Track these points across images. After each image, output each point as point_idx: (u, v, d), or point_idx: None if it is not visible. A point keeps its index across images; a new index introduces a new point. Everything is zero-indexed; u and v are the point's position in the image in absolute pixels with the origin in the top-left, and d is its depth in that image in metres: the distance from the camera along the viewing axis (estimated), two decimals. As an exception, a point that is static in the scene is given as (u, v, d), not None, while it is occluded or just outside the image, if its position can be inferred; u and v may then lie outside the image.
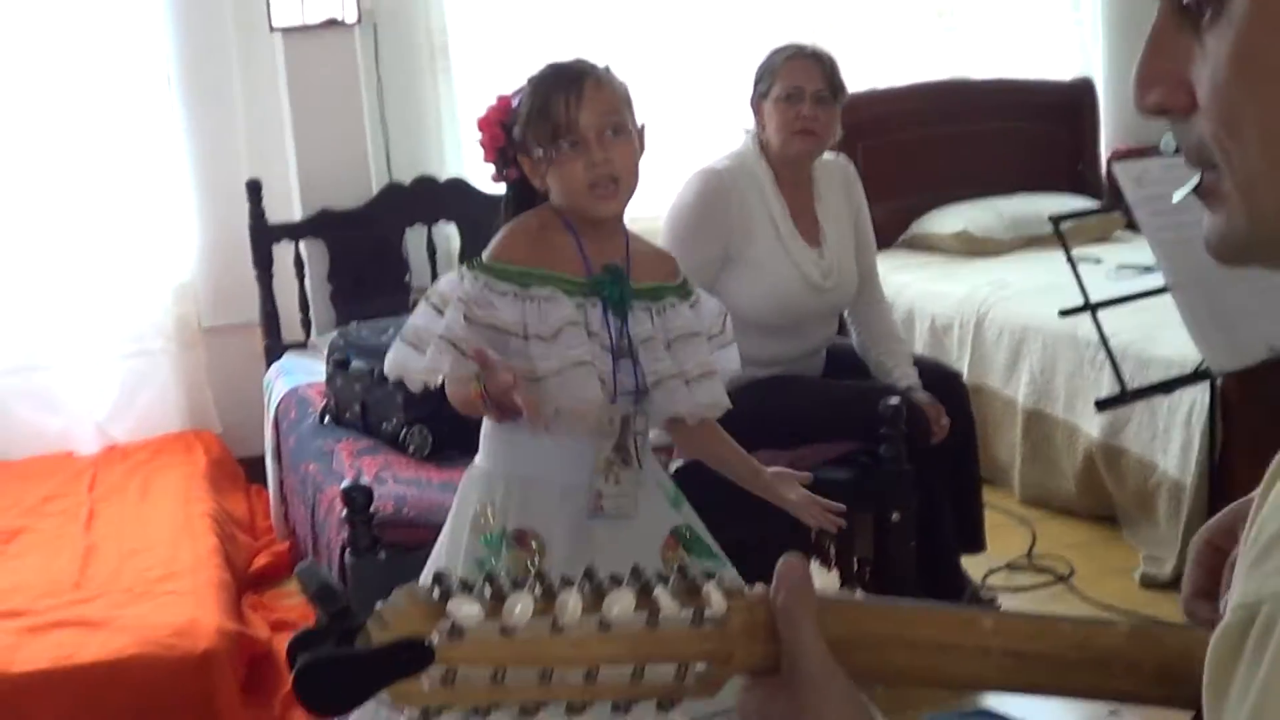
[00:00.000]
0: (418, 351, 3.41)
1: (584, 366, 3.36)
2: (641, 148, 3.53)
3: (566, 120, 3.38)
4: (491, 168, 3.61)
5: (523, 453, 3.50)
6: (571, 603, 1.24)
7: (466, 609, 1.21)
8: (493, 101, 3.57)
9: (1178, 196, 1.37)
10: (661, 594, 1.29)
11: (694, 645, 1.31)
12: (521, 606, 1.22)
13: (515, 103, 3.51)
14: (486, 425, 3.58)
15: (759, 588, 1.36)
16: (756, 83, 4.99)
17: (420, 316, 3.46)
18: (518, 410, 3.26)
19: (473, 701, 1.25)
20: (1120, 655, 1.43)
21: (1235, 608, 1.10)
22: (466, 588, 1.24)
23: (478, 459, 3.63)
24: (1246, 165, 1.14)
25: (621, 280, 3.46)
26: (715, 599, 1.30)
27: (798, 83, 4.88)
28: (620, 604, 1.26)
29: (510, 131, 3.49)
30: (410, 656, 1.20)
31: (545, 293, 3.39)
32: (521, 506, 3.48)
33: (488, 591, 1.24)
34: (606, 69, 3.53)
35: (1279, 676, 1.04)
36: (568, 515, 3.47)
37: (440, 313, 3.40)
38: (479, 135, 3.58)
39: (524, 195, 3.57)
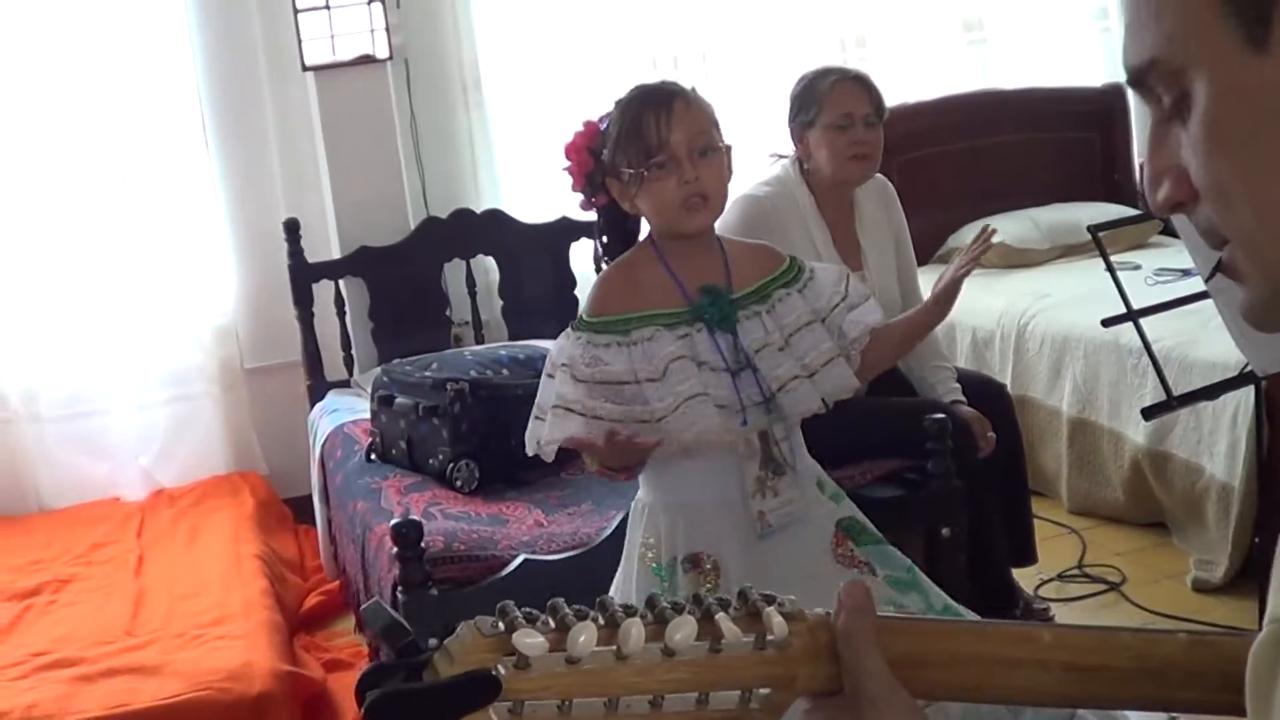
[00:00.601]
0: (543, 422, 3.49)
1: (696, 399, 3.41)
2: (730, 169, 3.55)
3: (658, 139, 3.41)
4: (580, 196, 3.64)
5: (679, 480, 3.55)
6: (635, 631, 1.25)
7: (530, 640, 1.22)
8: (579, 127, 3.60)
9: (1205, 276, 1.49)
10: (723, 620, 1.29)
11: (757, 670, 1.31)
12: (585, 636, 1.23)
13: (604, 126, 3.53)
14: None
15: (818, 611, 1.37)
16: (798, 110, 4.96)
17: (541, 389, 3.54)
18: (634, 465, 3.43)
19: None
20: (1180, 665, 1.43)
21: (1270, 621, 1.11)
22: (530, 619, 1.24)
23: (639, 493, 3.68)
24: (1245, 233, 1.20)
25: (720, 298, 3.50)
26: (776, 623, 1.31)
27: (847, 109, 4.86)
28: (683, 631, 1.26)
29: (598, 156, 3.52)
30: (478, 689, 1.20)
31: (647, 334, 3.45)
32: (689, 532, 3.54)
33: (551, 623, 1.24)
34: (694, 89, 3.57)
35: None
36: (733, 531, 3.52)
37: (551, 377, 3.50)
38: (566, 163, 3.60)
39: (614, 221, 3.62)
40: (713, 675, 1.29)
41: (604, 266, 3.70)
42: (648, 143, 3.42)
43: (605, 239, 3.66)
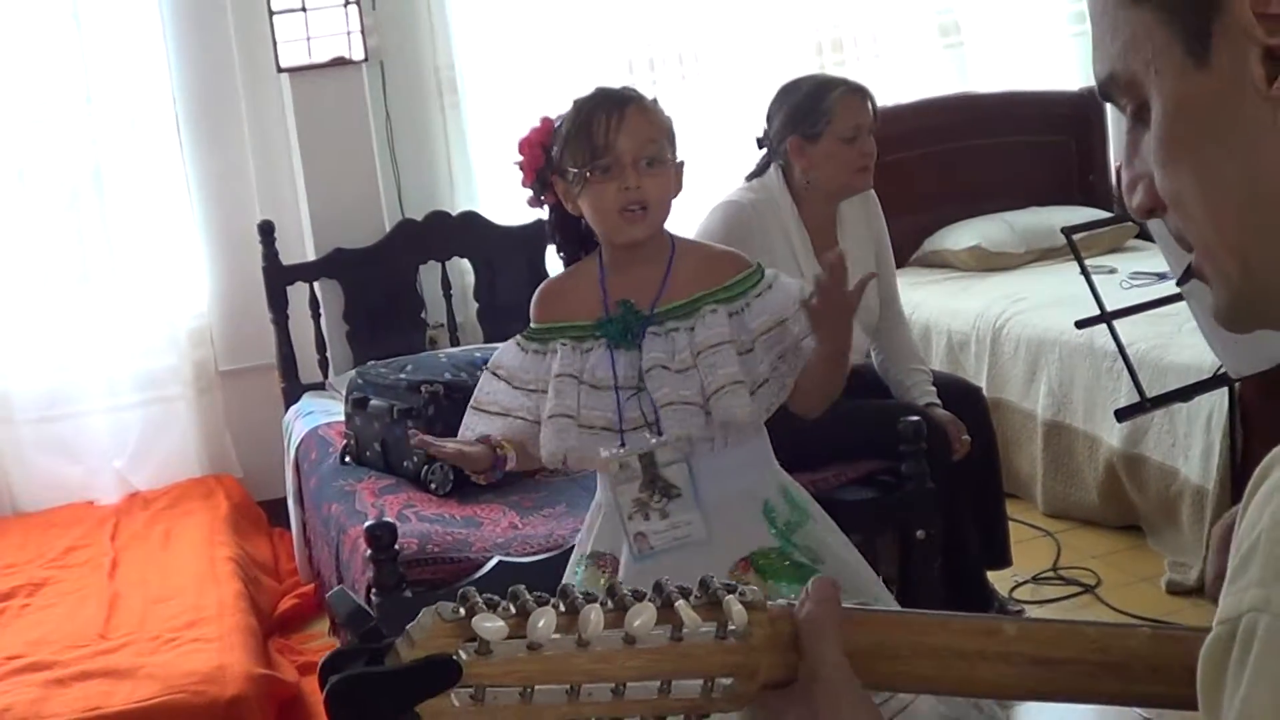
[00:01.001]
0: (479, 415, 3.57)
1: (557, 420, 3.41)
2: (678, 185, 3.52)
3: (605, 142, 3.39)
4: (529, 192, 3.61)
5: (601, 484, 3.57)
6: (594, 616, 1.26)
7: (490, 624, 1.22)
8: (536, 123, 3.58)
9: (1178, 279, 1.55)
10: (683, 608, 1.30)
11: (719, 659, 1.32)
12: (545, 621, 1.24)
13: (558, 125, 3.52)
14: None
15: (781, 602, 1.37)
16: (799, 120, 4.89)
17: (483, 384, 3.62)
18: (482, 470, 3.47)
19: (503, 718, 1.26)
20: (1143, 659, 1.44)
21: (1217, 623, 1.12)
22: (491, 605, 1.25)
23: (597, 494, 3.68)
24: (1203, 240, 1.24)
25: (629, 313, 3.46)
26: (736, 611, 1.32)
27: (856, 121, 4.83)
28: (642, 617, 1.27)
29: (549, 153, 3.51)
30: (438, 674, 1.22)
31: (555, 346, 3.48)
32: (601, 529, 3.56)
33: (512, 609, 1.25)
34: (654, 100, 3.56)
35: (1258, 692, 1.05)
36: (623, 542, 3.50)
37: (493, 375, 3.59)
38: (519, 158, 3.58)
39: (563, 220, 3.59)
40: (674, 664, 1.30)
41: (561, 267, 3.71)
42: (594, 144, 3.39)
43: (559, 238, 3.65)
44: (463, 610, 1.24)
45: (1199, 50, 1.18)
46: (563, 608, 1.26)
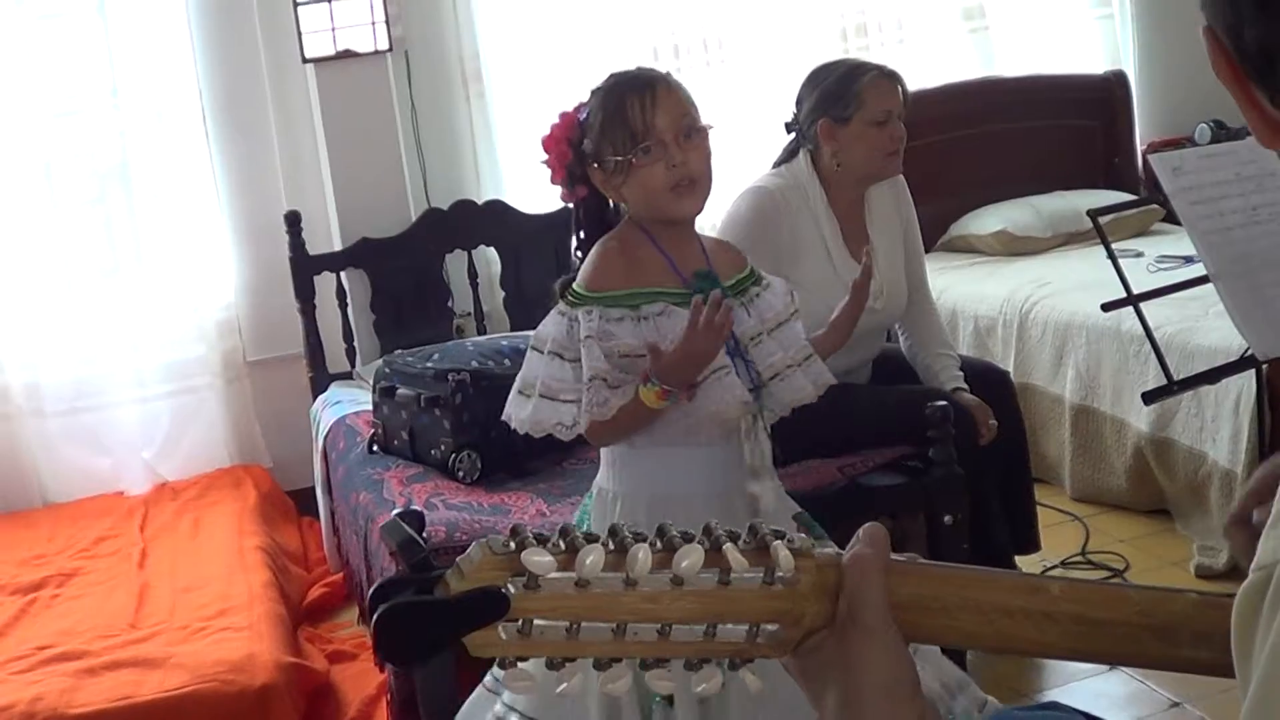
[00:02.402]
0: (547, 401, 3.43)
1: (721, 371, 3.39)
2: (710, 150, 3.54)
3: (644, 124, 3.40)
4: (559, 188, 3.60)
5: (663, 471, 3.51)
6: (642, 555, 1.26)
7: (539, 559, 1.23)
8: (555, 120, 3.58)
9: None
10: (730, 551, 1.30)
11: (765, 604, 1.32)
12: (593, 558, 1.25)
13: (582, 116, 3.51)
14: (616, 449, 3.57)
15: (829, 550, 1.37)
16: (830, 104, 4.89)
17: (532, 366, 3.49)
18: (696, 376, 3.34)
19: (549, 653, 1.27)
20: (1188, 623, 1.43)
21: (1254, 569, 1.12)
22: (541, 540, 1.26)
23: (603, 483, 3.63)
24: None
25: (715, 283, 3.47)
26: (784, 558, 1.32)
27: (887, 106, 4.83)
28: (690, 559, 1.28)
29: (578, 146, 3.50)
30: (487, 605, 1.23)
31: (657, 309, 3.43)
32: (642, 517, 3.46)
33: (562, 545, 1.26)
34: (669, 74, 3.57)
35: None
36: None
37: (558, 357, 3.43)
38: (545, 156, 3.57)
39: (594, 212, 3.58)
40: (720, 606, 1.30)
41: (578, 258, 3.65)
42: (633, 128, 3.40)
43: (583, 233, 3.62)
44: (513, 544, 1.25)
45: None
46: (612, 546, 1.28)
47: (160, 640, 4.85)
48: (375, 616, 1.23)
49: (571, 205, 3.64)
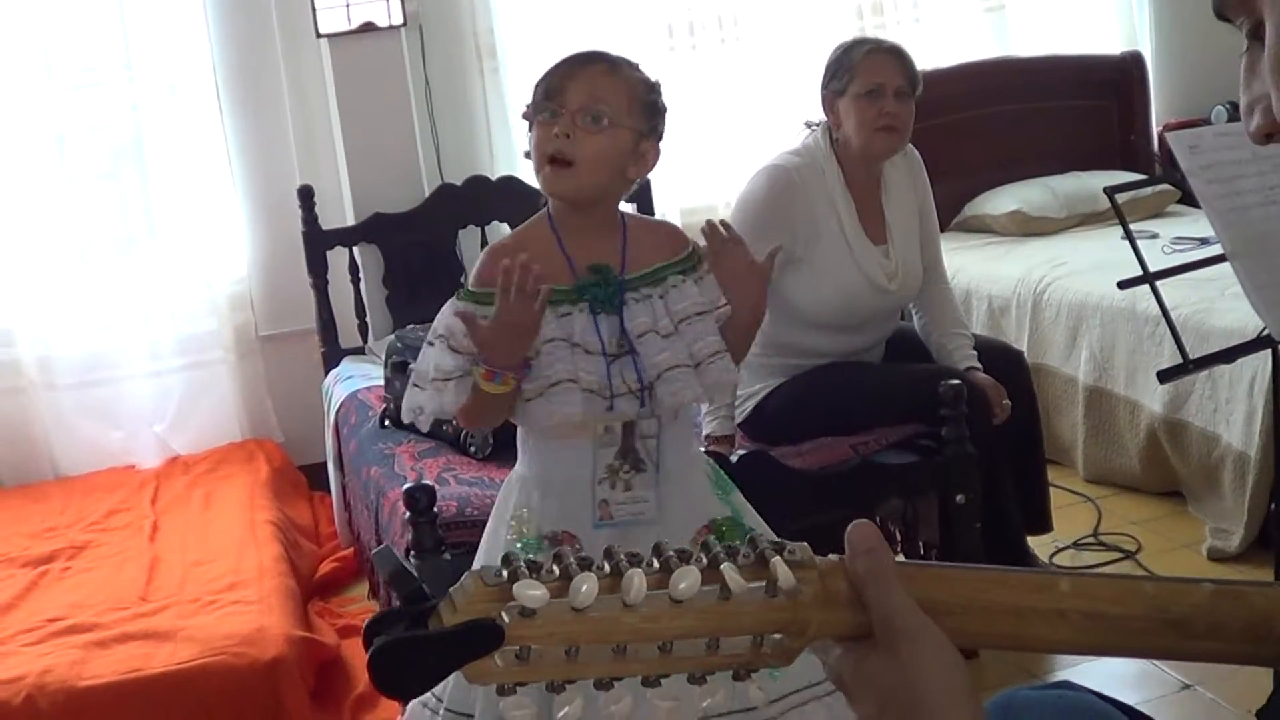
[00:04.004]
0: (422, 391, 3.40)
1: (561, 385, 3.32)
2: (641, 167, 3.48)
3: (556, 87, 3.37)
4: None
5: (547, 456, 3.48)
6: (637, 581, 1.25)
7: (532, 591, 1.23)
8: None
9: None
10: (728, 570, 1.29)
11: (768, 616, 1.31)
12: (588, 586, 1.24)
13: None
14: (520, 432, 3.55)
15: (830, 558, 1.36)
16: (830, 79, 4.90)
17: (420, 357, 3.46)
18: (521, 354, 3.29)
19: (548, 676, 1.27)
20: (1203, 615, 1.42)
21: None
22: (534, 568, 1.26)
23: (516, 465, 3.60)
24: None
25: (607, 277, 3.40)
26: (783, 573, 1.30)
27: (878, 79, 4.80)
28: (686, 581, 1.27)
29: None
30: (480, 637, 1.23)
31: None
32: (558, 510, 3.45)
33: (556, 571, 1.26)
34: (636, 66, 3.50)
35: None
36: (583, 513, 3.43)
37: (446, 346, 3.40)
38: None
39: None
40: (722, 622, 1.30)
41: None
42: (547, 87, 3.38)
43: None
44: (505, 574, 1.25)
45: None
46: (606, 570, 1.27)
47: (170, 613, 4.86)
48: (371, 651, 1.24)
49: None
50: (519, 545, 3.43)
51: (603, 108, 3.37)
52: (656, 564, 1.29)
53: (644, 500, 3.43)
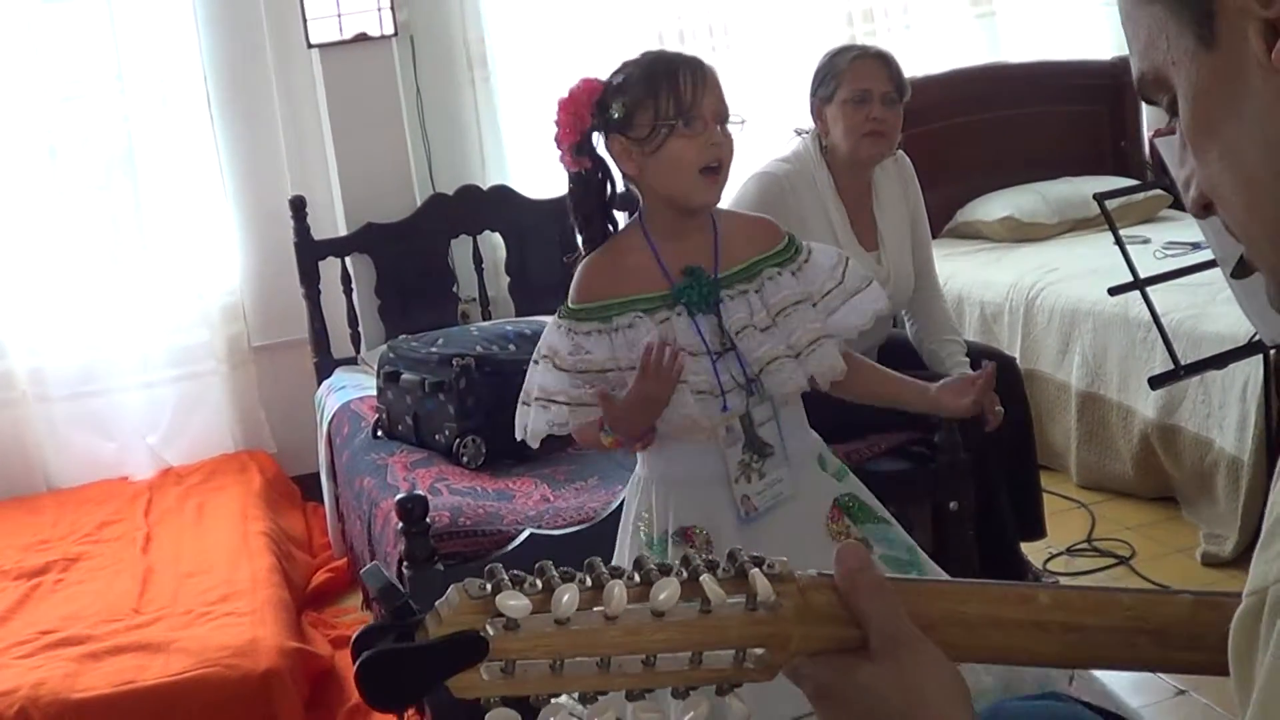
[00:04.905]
0: (528, 409, 3.47)
1: (682, 388, 3.36)
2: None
3: (692, 98, 3.36)
4: (562, 156, 3.50)
5: (671, 458, 3.52)
6: (617, 592, 1.27)
7: (514, 602, 1.24)
8: (576, 84, 3.51)
9: (1232, 272, 1.57)
10: (708, 582, 1.30)
11: (749, 630, 1.33)
12: (568, 597, 1.26)
13: (617, 80, 3.45)
14: None
15: (810, 572, 1.37)
16: (818, 85, 4.90)
17: (529, 376, 3.51)
18: (647, 430, 3.40)
19: (534, 690, 1.28)
20: (1182, 625, 1.43)
21: (1247, 594, 1.13)
22: (518, 581, 1.27)
23: (637, 468, 3.65)
24: (1241, 227, 1.25)
25: (700, 279, 3.43)
26: (761, 586, 1.32)
27: (865, 85, 4.80)
28: (666, 592, 1.28)
29: (603, 112, 3.43)
30: (466, 649, 1.24)
31: (626, 320, 3.40)
32: (679, 507, 3.49)
33: (538, 584, 1.27)
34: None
35: None
36: (723, 509, 3.47)
37: (550, 364, 3.45)
38: (557, 115, 3.49)
39: (594, 187, 3.50)
40: (703, 635, 1.31)
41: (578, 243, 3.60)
42: (681, 100, 3.35)
43: (583, 207, 3.53)
44: (489, 587, 1.26)
45: (1205, 33, 1.19)
46: (589, 582, 1.28)
47: (164, 625, 4.86)
48: (358, 665, 1.25)
49: (571, 176, 3.55)
50: (644, 546, 3.50)
51: (728, 110, 3.43)
52: (638, 577, 1.29)
53: (779, 481, 3.49)
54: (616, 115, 3.40)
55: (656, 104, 3.37)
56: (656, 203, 3.48)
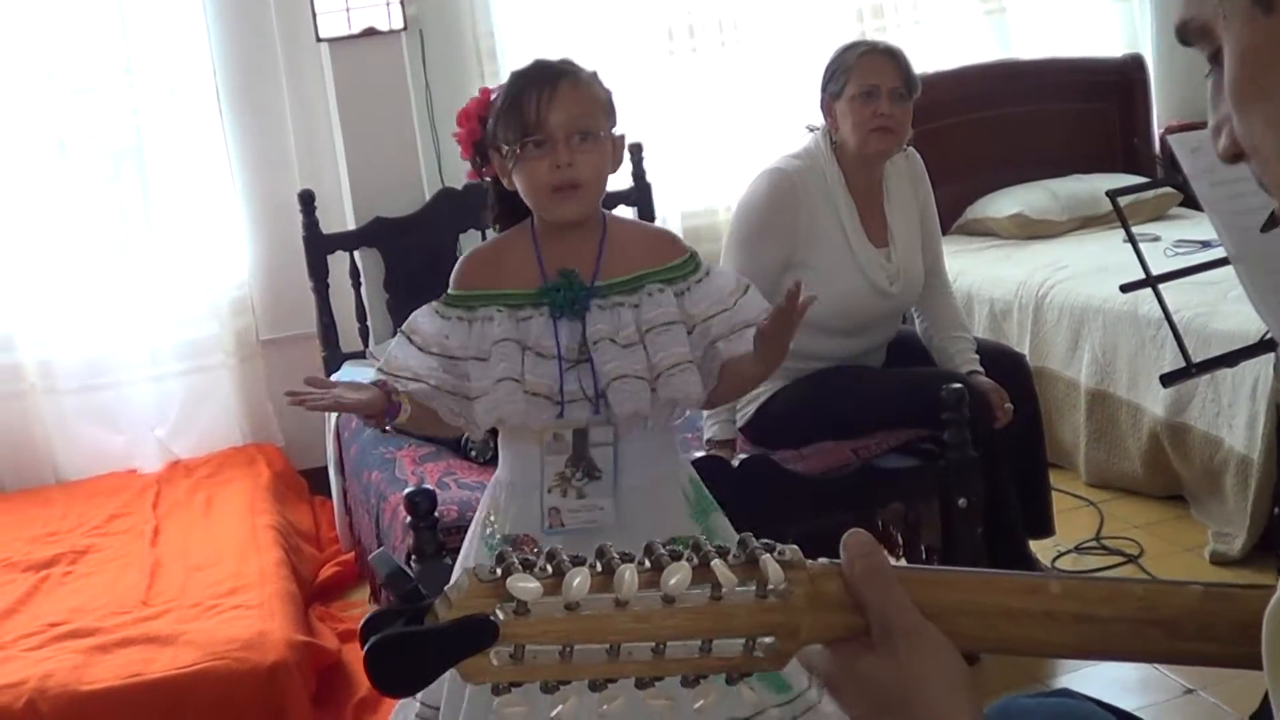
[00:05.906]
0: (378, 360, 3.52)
1: (505, 383, 3.33)
2: (617, 160, 3.48)
3: (536, 118, 3.33)
4: (468, 165, 3.59)
5: (515, 461, 3.53)
6: (629, 576, 1.26)
7: (525, 585, 1.24)
8: (476, 95, 3.55)
9: (1262, 226, 1.56)
10: (719, 566, 1.30)
11: (759, 618, 1.32)
12: (579, 580, 1.25)
13: (494, 96, 3.47)
14: (499, 435, 3.59)
15: (821, 560, 1.37)
16: (827, 82, 4.90)
17: (391, 344, 3.55)
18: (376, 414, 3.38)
19: (543, 676, 1.28)
20: (1193, 617, 1.42)
21: None
22: (527, 565, 1.26)
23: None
24: (1277, 185, 1.23)
25: (573, 283, 3.39)
26: (773, 571, 1.31)
27: (873, 80, 4.80)
28: (677, 576, 1.28)
29: (486, 127, 3.46)
30: (475, 633, 1.24)
31: (488, 314, 3.39)
32: (520, 512, 3.48)
33: (549, 569, 1.27)
34: (593, 74, 3.49)
35: None
36: (537, 518, 3.45)
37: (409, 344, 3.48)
38: (457, 129, 3.57)
39: (503, 192, 3.52)
40: (713, 623, 1.30)
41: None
42: (525, 120, 3.33)
43: (498, 211, 3.58)
44: (499, 571, 1.26)
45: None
46: (599, 567, 1.28)
47: (171, 618, 4.86)
48: (367, 649, 1.25)
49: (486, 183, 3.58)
50: (486, 549, 3.48)
51: (588, 122, 3.37)
52: (648, 562, 1.29)
53: (598, 508, 3.42)
54: (489, 131, 3.44)
55: (508, 125, 3.37)
56: (534, 211, 3.48)
